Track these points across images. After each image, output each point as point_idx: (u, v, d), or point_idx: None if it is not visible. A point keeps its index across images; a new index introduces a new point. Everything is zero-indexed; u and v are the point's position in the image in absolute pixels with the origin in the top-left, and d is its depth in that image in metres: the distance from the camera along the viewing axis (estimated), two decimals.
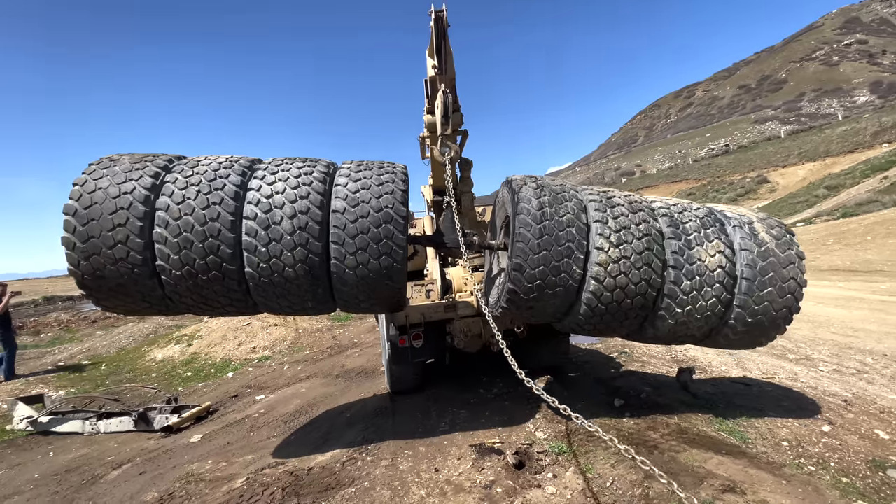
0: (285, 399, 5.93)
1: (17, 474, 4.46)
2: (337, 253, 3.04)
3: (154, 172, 3.00)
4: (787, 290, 3.38)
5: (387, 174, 3.28)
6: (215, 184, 2.98)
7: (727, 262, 3.36)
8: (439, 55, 3.74)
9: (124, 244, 2.85)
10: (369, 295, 3.26)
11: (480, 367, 5.96)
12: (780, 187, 39.29)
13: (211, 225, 2.90)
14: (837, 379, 5.04)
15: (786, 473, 2.92)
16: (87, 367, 9.44)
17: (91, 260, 2.86)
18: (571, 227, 3.26)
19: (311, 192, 3.04)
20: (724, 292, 3.35)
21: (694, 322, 3.42)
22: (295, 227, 2.96)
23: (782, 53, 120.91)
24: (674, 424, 3.76)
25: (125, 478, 3.96)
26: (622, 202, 3.48)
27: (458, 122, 4.26)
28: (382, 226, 3.05)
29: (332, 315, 12.78)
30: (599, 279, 3.21)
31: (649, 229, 3.35)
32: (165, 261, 2.91)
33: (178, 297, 3.10)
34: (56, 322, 16.29)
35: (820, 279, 11.72)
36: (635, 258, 3.23)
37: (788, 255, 3.42)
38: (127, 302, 3.12)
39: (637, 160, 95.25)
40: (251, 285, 3.08)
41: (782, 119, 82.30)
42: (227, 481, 3.50)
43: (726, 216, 3.67)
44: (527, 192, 3.34)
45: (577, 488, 2.88)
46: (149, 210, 2.88)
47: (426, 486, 3.09)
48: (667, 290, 3.32)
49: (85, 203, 2.85)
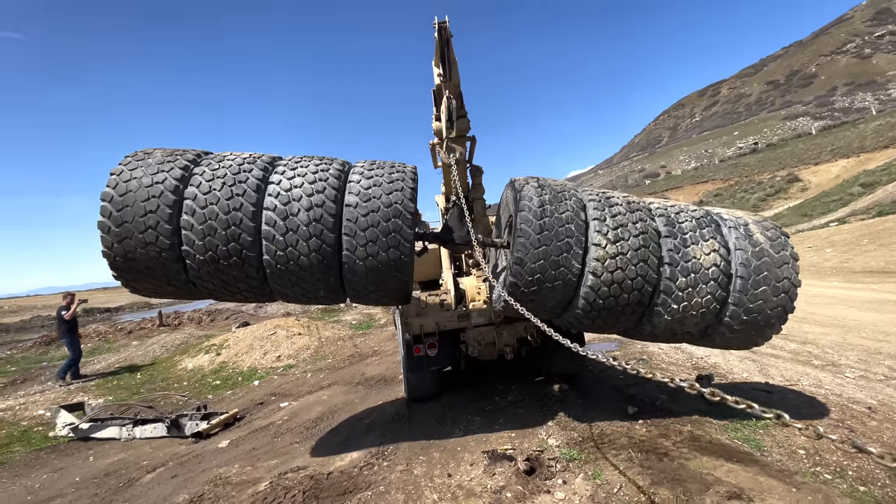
0: (308, 406, 6.13)
1: (59, 478, 4.77)
2: (348, 244, 3.23)
3: (184, 165, 3.23)
4: (781, 289, 3.46)
5: (397, 173, 3.49)
6: (239, 177, 3.21)
7: (722, 260, 3.45)
8: (444, 64, 3.94)
9: (154, 229, 3.06)
10: (378, 286, 3.44)
11: (495, 375, 6.04)
12: (813, 185, 37.89)
13: (233, 214, 3.12)
14: (864, 385, 4.90)
15: (797, 481, 2.90)
16: (124, 375, 9.91)
17: (123, 243, 3.08)
18: (570, 223, 3.40)
19: (326, 188, 3.25)
20: (719, 290, 3.44)
21: (690, 319, 3.50)
22: (311, 218, 3.16)
23: (811, 47, 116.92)
24: (686, 432, 3.76)
25: (158, 481, 4.21)
26: (620, 202, 3.61)
27: (465, 127, 4.44)
28: (391, 220, 3.24)
29: (353, 324, 13.07)
30: (597, 274, 3.33)
31: (646, 228, 3.46)
32: (191, 246, 3.12)
33: (200, 282, 3.31)
34: (95, 333, 17.09)
35: (853, 281, 11.33)
36: (632, 254, 3.35)
37: (783, 256, 3.50)
38: (154, 285, 3.35)
39: (661, 161, 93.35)
40: (268, 272, 3.28)
41: (814, 114, 79.42)
42: (252, 484, 3.69)
43: (722, 218, 3.75)
44: (528, 190, 3.51)
45: (585, 494, 2.93)
46: (177, 199, 3.11)
47: (439, 491, 3.20)
48: (662, 286, 3.42)
49: (120, 191, 3.08)
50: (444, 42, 3.77)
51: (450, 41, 3.79)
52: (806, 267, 14.45)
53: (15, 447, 5.87)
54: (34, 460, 5.36)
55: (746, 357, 6.25)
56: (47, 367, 11.68)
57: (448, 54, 3.85)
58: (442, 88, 4.17)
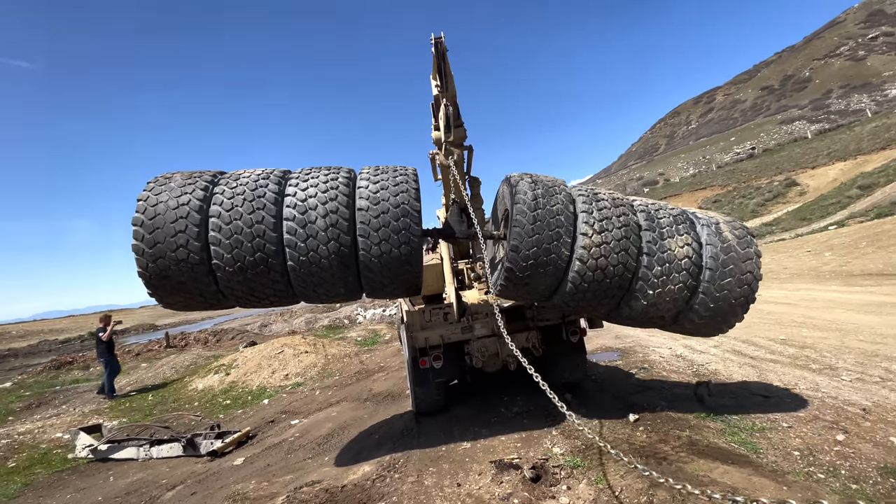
0: (318, 423, 6.29)
1: (82, 497, 4.93)
2: (364, 244, 3.53)
3: (204, 186, 3.50)
4: (744, 281, 3.89)
5: (401, 176, 3.79)
6: (257, 192, 3.49)
7: (694, 253, 3.85)
8: (441, 76, 4.30)
9: (185, 247, 3.32)
10: (392, 279, 3.74)
11: (501, 387, 6.19)
12: (811, 189, 38.02)
13: (257, 227, 3.39)
14: (860, 388, 5.03)
15: (788, 480, 3.05)
16: (136, 397, 10.08)
17: (158, 262, 3.33)
18: (561, 215, 3.76)
19: (338, 195, 3.55)
20: (690, 279, 3.84)
21: (663, 304, 3.88)
22: (328, 224, 3.46)
23: (804, 51, 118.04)
24: (685, 437, 3.91)
25: (179, 498, 4.37)
26: (606, 198, 3.98)
27: (462, 135, 4.80)
28: (401, 219, 3.57)
29: (359, 341, 13.23)
30: (583, 260, 3.70)
31: (628, 221, 3.85)
32: (220, 259, 3.38)
33: (229, 291, 3.56)
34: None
35: (851, 285, 11.45)
36: (614, 244, 3.73)
37: (747, 252, 3.94)
38: (186, 298, 3.60)
39: (660, 168, 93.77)
40: (292, 276, 3.56)
41: (810, 118, 79.90)
42: (270, 499, 3.85)
43: (696, 216, 4.16)
44: (523, 185, 3.86)
45: (588, 498, 3.09)
46: (203, 218, 3.38)
47: (449, 500, 3.36)
48: (640, 273, 3.81)
49: (150, 215, 3.34)
50: (441, 56, 4.15)
51: (445, 55, 4.14)
52: (805, 271, 14.59)
53: (37, 469, 6.04)
54: (57, 481, 5.52)
55: (746, 363, 6.39)
56: (60, 391, 11.86)
57: (444, 67, 4.23)
58: (440, 98, 4.54)
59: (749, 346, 7.30)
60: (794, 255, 17.35)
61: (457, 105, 4.59)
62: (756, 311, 10.02)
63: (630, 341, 8.55)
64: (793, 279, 13.87)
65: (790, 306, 10.23)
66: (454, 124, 4.59)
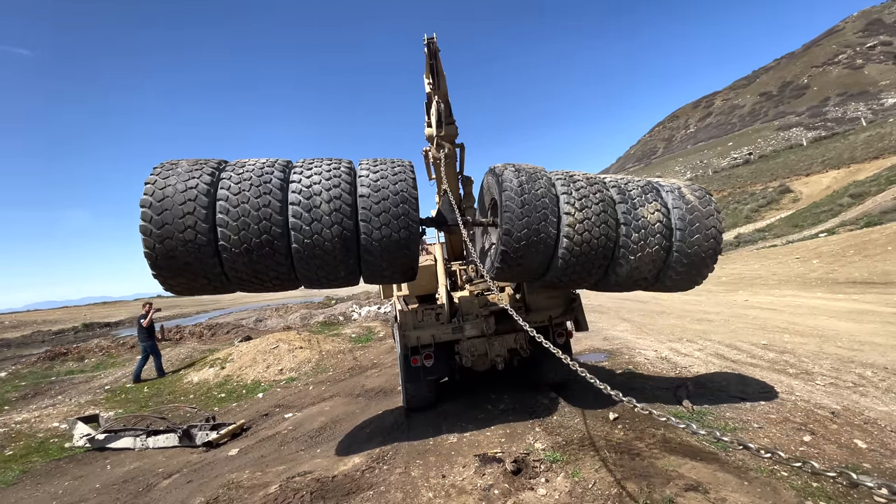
0: (311, 417, 6.46)
1: (80, 485, 5.08)
2: (365, 228, 3.73)
3: (210, 171, 3.64)
4: (710, 235, 4.32)
5: (398, 167, 4.01)
6: (263, 178, 3.65)
7: (664, 217, 4.24)
8: (433, 74, 4.50)
9: (193, 228, 3.45)
10: (391, 262, 3.92)
11: (489, 385, 6.38)
12: (804, 196, 38.47)
13: (263, 210, 3.55)
14: (832, 392, 5.25)
15: (750, 476, 3.26)
16: (132, 389, 10.21)
17: (165, 243, 3.44)
18: (545, 198, 4.06)
19: (341, 183, 3.74)
20: (664, 240, 4.22)
21: (644, 266, 4.25)
22: (332, 209, 3.63)
23: (803, 59, 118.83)
24: (660, 435, 4.12)
25: (175, 486, 4.54)
26: (581, 178, 4.30)
27: (453, 133, 5.05)
28: (400, 206, 3.77)
29: (353, 337, 13.40)
30: (570, 237, 4.01)
31: (604, 197, 4.19)
32: (227, 241, 3.52)
33: (234, 273, 3.70)
34: (97, 348, 17.34)
35: (836, 292, 11.70)
36: (595, 219, 4.06)
37: (709, 210, 4.38)
38: (190, 279, 3.72)
39: (657, 172, 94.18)
40: (296, 259, 3.72)
41: (807, 125, 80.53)
42: (263, 488, 4.02)
43: (661, 185, 4.55)
44: (508, 174, 4.14)
45: (564, 490, 3.29)
46: (210, 201, 3.51)
47: (433, 490, 3.55)
48: (621, 241, 4.15)
49: (158, 197, 3.45)
50: (433, 55, 4.35)
51: (437, 55, 4.34)
52: (792, 278, 14.85)
53: (34, 458, 6.17)
54: (54, 469, 5.67)
55: (727, 367, 6.60)
56: (56, 381, 11.96)
57: (436, 66, 4.44)
58: (432, 96, 4.74)
59: (732, 350, 7.52)
60: (783, 261, 17.63)
61: (448, 103, 4.83)
62: (741, 316, 10.32)
63: (618, 343, 8.76)
64: (780, 285, 14.13)
65: (775, 312, 10.47)
66: (445, 122, 4.82)
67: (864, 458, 3.62)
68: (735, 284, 16.03)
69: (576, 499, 3.17)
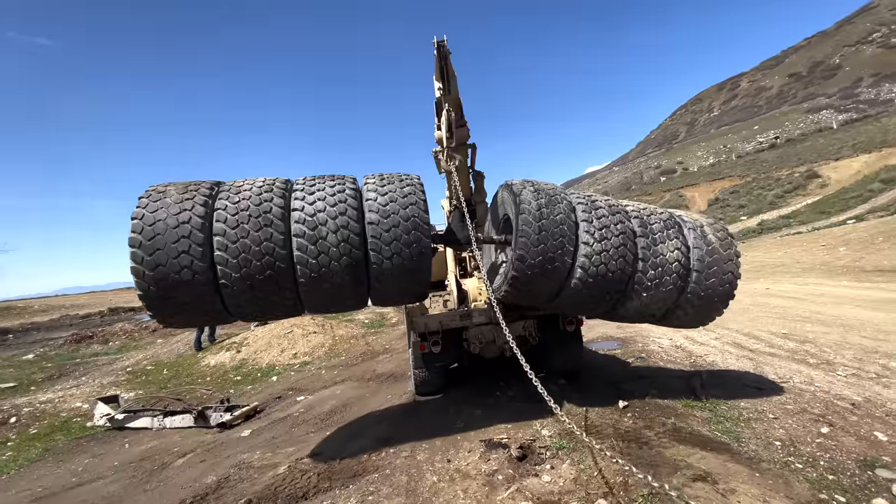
0: (322, 400, 6.55)
1: (100, 462, 5.26)
2: (375, 258, 3.52)
3: (203, 202, 3.31)
4: (726, 280, 4.21)
5: (408, 186, 3.76)
6: (263, 207, 3.35)
7: (683, 257, 4.08)
8: (443, 78, 4.30)
9: (189, 268, 3.16)
10: (401, 289, 3.81)
11: (499, 372, 6.35)
12: (833, 182, 37.08)
13: (266, 244, 3.28)
14: (853, 383, 5.07)
15: (762, 468, 3.16)
16: (152, 371, 10.51)
17: (159, 285, 3.16)
18: (563, 224, 3.87)
19: (347, 209, 3.48)
20: (679, 281, 4.07)
21: (655, 304, 4.12)
22: (339, 239, 3.39)
23: (835, 37, 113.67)
24: (670, 424, 4.04)
25: (189, 465, 4.65)
26: (603, 205, 4.10)
27: (464, 135, 4.82)
28: (412, 232, 3.56)
29: (366, 323, 13.51)
30: (585, 268, 3.84)
31: (625, 228, 4.00)
32: (227, 279, 3.26)
33: (236, 308, 3.48)
34: (122, 332, 17.90)
35: (863, 280, 11.32)
36: (613, 252, 3.88)
37: (728, 254, 4.26)
38: (189, 317, 3.51)
39: (678, 157, 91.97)
40: (302, 291, 3.51)
41: (838, 107, 77.39)
42: (272, 468, 4.09)
43: (683, 220, 4.38)
44: (527, 195, 3.94)
45: (569, 477, 3.25)
46: (206, 236, 3.22)
47: (438, 473, 3.56)
48: (636, 278, 3.99)
49: (148, 235, 3.13)
50: (443, 59, 4.14)
51: (448, 57, 4.14)
52: (817, 266, 14.41)
53: (56, 436, 6.41)
54: (76, 447, 5.87)
55: (744, 356, 6.44)
56: (81, 363, 12.39)
57: (447, 69, 4.21)
58: (442, 101, 4.53)
59: (750, 339, 7.34)
60: (808, 249, 17.10)
61: (460, 107, 4.58)
62: (762, 304, 10.05)
63: (631, 331, 8.62)
64: (804, 273, 13.72)
65: (797, 301, 10.17)
66: (456, 125, 4.59)
67: (885, 451, 3.49)
68: (756, 272, 15.61)
69: (580, 486, 3.13)
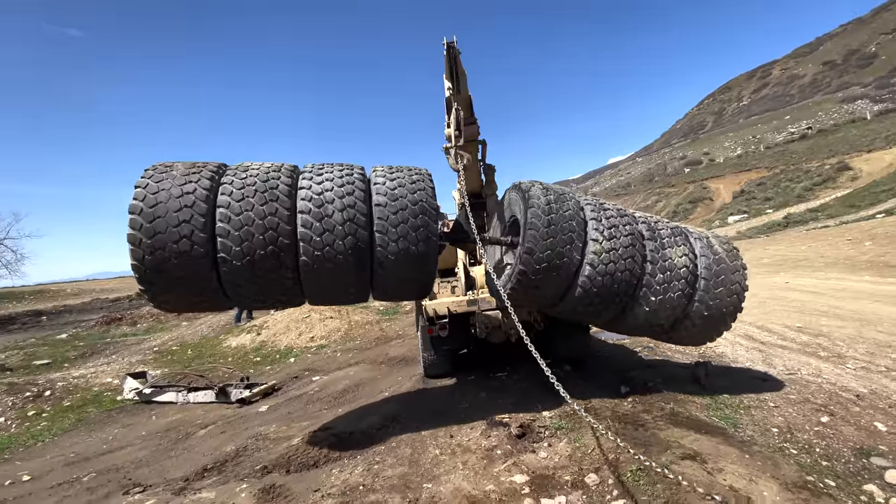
0: (336, 380, 6.83)
1: (129, 431, 5.64)
2: (381, 240, 3.43)
3: (210, 176, 3.29)
4: (734, 291, 4.16)
5: (416, 175, 3.78)
6: (269, 184, 3.32)
7: (691, 263, 4.05)
8: (453, 79, 4.37)
9: (189, 238, 3.07)
10: (406, 278, 3.69)
11: (506, 356, 6.51)
12: (864, 174, 35.66)
13: (270, 219, 3.21)
14: (862, 376, 5.05)
15: (753, 451, 3.25)
16: (177, 351, 11.01)
17: (156, 254, 3.06)
18: (572, 220, 3.89)
19: (355, 190, 3.44)
20: (688, 287, 4.02)
21: (664, 311, 4.05)
22: (345, 218, 3.32)
23: (872, 25, 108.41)
24: (668, 409, 4.14)
25: (210, 435, 4.97)
26: (611, 208, 4.13)
27: (474, 133, 4.92)
28: (419, 216, 3.51)
29: (380, 310, 13.78)
30: (594, 265, 3.83)
31: (633, 230, 4.01)
32: (227, 252, 3.16)
33: (232, 288, 3.36)
34: (149, 314, 18.64)
35: (885, 276, 11.03)
36: (623, 251, 3.88)
37: (735, 265, 4.23)
38: (182, 295, 3.35)
39: (704, 147, 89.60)
40: (303, 273, 3.40)
41: (873, 97, 74.12)
42: (287, 440, 4.36)
43: (689, 231, 4.36)
44: (535, 191, 3.99)
45: (564, 454, 3.41)
46: (209, 208, 3.15)
47: (441, 447, 3.76)
48: (645, 280, 3.97)
49: (150, 203, 3.06)
50: (453, 60, 4.20)
51: (458, 58, 4.21)
52: (840, 260, 14.04)
53: (89, 408, 6.85)
54: (106, 418, 6.29)
55: (754, 348, 6.44)
56: (111, 343, 13.04)
57: (457, 69, 4.28)
58: (452, 100, 4.61)
59: (763, 331, 7.30)
60: (832, 243, 16.64)
61: (469, 105, 4.66)
62: (779, 298, 9.93)
63: None
64: (826, 268, 13.41)
65: (816, 295, 10.00)
66: (466, 123, 4.66)
67: (883, 441, 3.52)
68: (778, 266, 15.30)
69: (574, 462, 3.28)
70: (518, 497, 2.94)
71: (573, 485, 3.03)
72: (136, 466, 4.34)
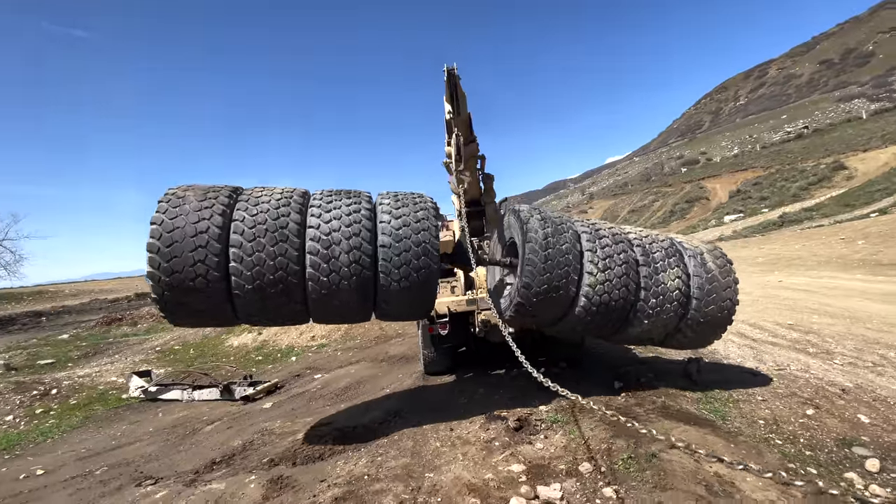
0: (338, 378, 6.98)
1: (136, 428, 5.78)
2: (384, 279, 3.66)
3: (221, 210, 3.41)
4: (724, 307, 4.37)
5: (421, 210, 3.87)
6: (280, 222, 3.48)
7: (683, 285, 4.24)
8: (453, 103, 4.50)
9: (204, 277, 3.29)
10: (407, 308, 3.97)
11: (504, 354, 6.66)
12: (859, 174, 35.94)
13: (280, 259, 3.42)
14: (848, 371, 5.20)
15: (739, 440, 3.41)
16: (179, 350, 11.13)
17: (174, 291, 3.30)
18: (569, 254, 4.00)
19: (361, 230, 3.61)
20: (680, 308, 4.24)
21: (655, 329, 4.29)
22: (351, 259, 3.53)
23: (869, 23, 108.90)
24: (660, 402, 4.29)
25: (217, 431, 5.11)
26: (607, 234, 4.24)
27: (474, 151, 5.05)
28: (422, 258, 3.69)
29: None
30: (588, 297, 4.00)
31: (627, 258, 4.15)
32: (240, 289, 3.40)
33: (245, 314, 3.63)
34: (149, 315, 18.75)
35: (876, 274, 11.24)
36: (616, 281, 4.04)
37: (727, 281, 4.39)
38: (200, 321, 3.77)
39: (702, 147, 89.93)
40: (310, 303, 3.65)
41: (870, 96, 74.51)
42: (292, 434, 4.51)
43: (684, 247, 4.51)
44: (534, 223, 4.07)
45: (560, 445, 3.56)
46: (223, 247, 3.34)
47: (441, 440, 3.91)
48: (638, 306, 4.15)
49: (166, 242, 3.24)
50: (453, 86, 4.32)
51: (458, 84, 4.32)
52: (833, 259, 14.26)
53: (95, 406, 6.99)
54: (113, 416, 6.43)
55: (746, 345, 6.60)
56: (113, 342, 13.15)
57: (457, 93, 4.39)
58: (451, 123, 4.73)
59: (755, 329, 7.47)
60: (826, 242, 16.87)
61: (469, 124, 4.77)
62: (772, 296, 10.11)
63: None
64: (818, 267, 13.62)
65: (808, 293, 10.19)
66: (465, 142, 4.80)
67: (865, 432, 3.66)
68: (772, 265, 15.51)
69: (569, 452, 3.43)
70: (515, 484, 3.10)
71: (567, 473, 3.18)
72: (146, 461, 4.49)
